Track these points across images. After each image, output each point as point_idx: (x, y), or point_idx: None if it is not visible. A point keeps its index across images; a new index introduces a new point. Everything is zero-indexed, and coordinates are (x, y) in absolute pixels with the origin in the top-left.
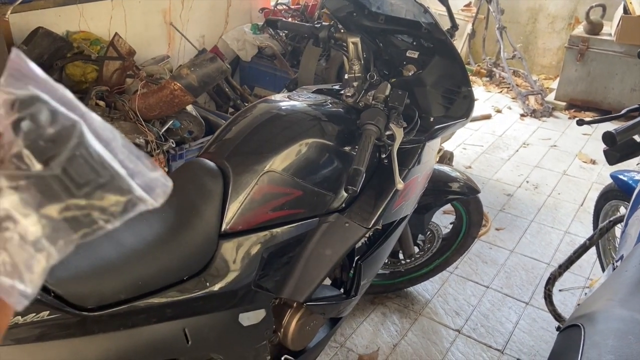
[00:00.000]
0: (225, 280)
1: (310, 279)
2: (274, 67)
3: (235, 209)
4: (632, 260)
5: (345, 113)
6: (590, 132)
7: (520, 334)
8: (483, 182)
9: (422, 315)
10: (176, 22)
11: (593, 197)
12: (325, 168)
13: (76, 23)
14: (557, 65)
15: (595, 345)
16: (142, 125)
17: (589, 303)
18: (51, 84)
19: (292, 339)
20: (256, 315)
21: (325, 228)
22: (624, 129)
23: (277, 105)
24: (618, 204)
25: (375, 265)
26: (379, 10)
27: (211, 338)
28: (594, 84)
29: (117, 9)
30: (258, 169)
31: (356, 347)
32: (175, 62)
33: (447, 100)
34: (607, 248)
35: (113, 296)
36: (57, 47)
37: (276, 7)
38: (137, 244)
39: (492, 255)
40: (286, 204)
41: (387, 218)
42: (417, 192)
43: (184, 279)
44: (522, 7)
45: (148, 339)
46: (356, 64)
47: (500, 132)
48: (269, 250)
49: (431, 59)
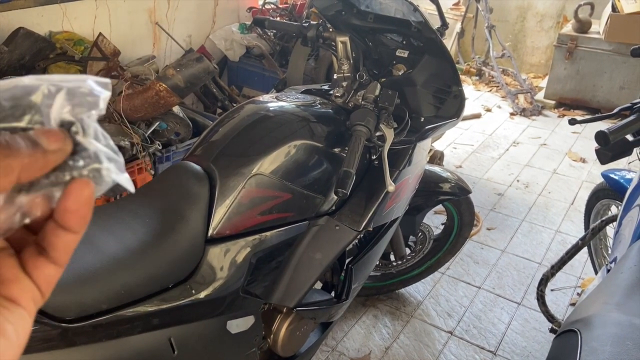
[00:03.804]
0: (213, 287)
1: (300, 283)
2: (262, 67)
3: (222, 213)
4: (627, 262)
5: (334, 114)
6: (580, 130)
7: (512, 335)
8: (474, 181)
9: (414, 317)
10: (162, 22)
11: (583, 195)
12: (314, 170)
13: (59, 23)
14: (546, 64)
15: (592, 352)
16: (127, 127)
17: (585, 307)
18: None
19: (283, 345)
20: (245, 322)
21: (315, 231)
22: (617, 128)
23: (266, 106)
24: (609, 203)
25: (366, 268)
26: (368, 9)
27: (198, 347)
28: (582, 82)
29: (102, 8)
30: (245, 172)
31: (348, 350)
32: (161, 63)
33: (437, 99)
34: (598, 247)
35: (95, 306)
36: (39, 48)
37: (264, 6)
38: (120, 251)
39: (484, 256)
40: (275, 208)
41: (378, 220)
42: (408, 193)
43: (169, 286)
44: (511, 5)
45: (132, 349)
46: (345, 64)
47: (490, 131)
48: (257, 255)
49: (421, 58)
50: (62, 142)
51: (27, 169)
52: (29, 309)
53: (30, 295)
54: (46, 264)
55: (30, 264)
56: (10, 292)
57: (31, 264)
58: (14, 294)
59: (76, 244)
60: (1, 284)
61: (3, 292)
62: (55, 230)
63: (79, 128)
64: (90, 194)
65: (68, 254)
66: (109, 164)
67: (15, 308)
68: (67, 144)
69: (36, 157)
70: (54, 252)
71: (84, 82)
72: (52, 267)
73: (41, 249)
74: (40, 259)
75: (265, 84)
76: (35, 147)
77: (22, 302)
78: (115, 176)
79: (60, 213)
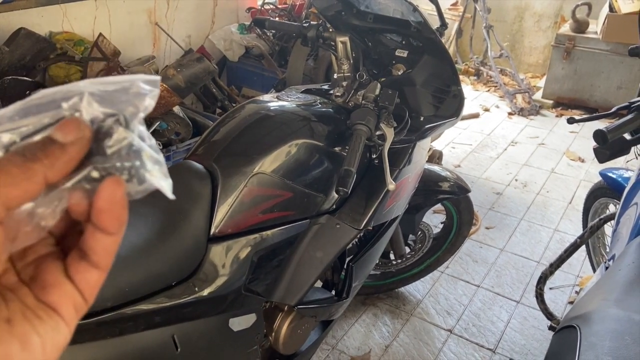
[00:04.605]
0: (215, 285)
1: (301, 281)
2: (261, 67)
3: (224, 212)
4: (625, 259)
5: (335, 113)
6: (578, 129)
7: (511, 333)
8: (472, 180)
9: (413, 315)
10: (162, 22)
11: (581, 194)
12: (315, 169)
13: (59, 23)
14: (544, 64)
15: (592, 347)
16: None
17: (584, 303)
18: None
19: (284, 343)
20: (247, 320)
21: (316, 230)
22: (615, 127)
23: (266, 105)
24: (607, 202)
25: (366, 267)
26: (367, 9)
27: (201, 344)
28: (580, 82)
29: (101, 9)
30: (247, 171)
31: (348, 349)
32: (161, 63)
33: (437, 99)
34: (597, 246)
35: (99, 304)
36: (39, 48)
37: (263, 6)
38: (124, 249)
39: (483, 254)
40: (276, 206)
41: (379, 219)
42: (408, 192)
43: (172, 284)
44: (509, 5)
45: (136, 346)
46: (345, 64)
47: (489, 131)
48: (259, 253)
49: (420, 58)
50: (77, 131)
51: (50, 167)
52: (68, 318)
53: (72, 301)
54: (88, 268)
55: (73, 268)
56: (50, 298)
57: (73, 268)
58: (54, 299)
59: (116, 247)
60: (42, 289)
61: (42, 298)
62: (94, 233)
63: (122, 120)
64: (122, 193)
65: (109, 258)
66: (152, 165)
67: (50, 318)
68: (85, 129)
69: (55, 153)
70: (94, 255)
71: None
72: (95, 271)
73: (83, 253)
74: (83, 263)
75: (264, 84)
76: (53, 144)
77: (62, 309)
78: (157, 180)
79: (95, 214)
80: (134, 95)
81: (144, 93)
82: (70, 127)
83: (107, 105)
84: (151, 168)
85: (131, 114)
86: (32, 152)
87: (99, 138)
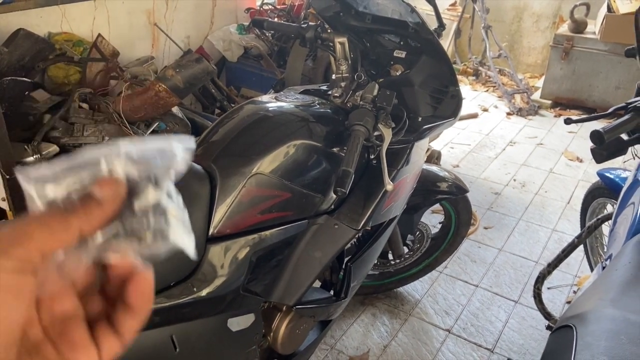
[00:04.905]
0: (213, 285)
1: (300, 281)
2: (260, 68)
3: (222, 212)
4: (622, 259)
5: (333, 114)
6: (576, 130)
7: (509, 333)
8: (471, 180)
9: (412, 315)
10: (160, 23)
11: (579, 194)
12: (313, 170)
13: (58, 24)
14: (542, 64)
15: (587, 346)
16: (127, 127)
17: (580, 303)
18: None
19: (282, 343)
20: (245, 320)
21: (315, 230)
22: (612, 128)
23: (265, 106)
24: (605, 202)
25: (365, 267)
26: (365, 10)
27: (199, 344)
28: (578, 82)
29: (100, 9)
30: (246, 172)
31: (346, 348)
32: (160, 63)
33: (435, 99)
34: (594, 246)
35: None
36: (38, 49)
37: (262, 7)
38: None
39: (481, 254)
40: (274, 207)
41: (377, 219)
42: (406, 192)
43: (171, 284)
44: (507, 6)
45: (134, 346)
46: (343, 64)
47: (487, 131)
48: (257, 253)
49: (418, 59)
50: (114, 189)
51: (86, 221)
52: None
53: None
54: (114, 338)
55: (101, 334)
56: (76, 357)
57: (102, 334)
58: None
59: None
60: (70, 347)
61: (68, 355)
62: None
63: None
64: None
65: (133, 335)
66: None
67: None
68: (121, 187)
69: (92, 208)
70: (122, 328)
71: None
72: (118, 343)
73: (112, 322)
74: (110, 332)
75: (263, 84)
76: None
77: None
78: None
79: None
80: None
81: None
82: (109, 185)
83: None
84: (175, 226)
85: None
86: (72, 205)
87: (130, 195)
